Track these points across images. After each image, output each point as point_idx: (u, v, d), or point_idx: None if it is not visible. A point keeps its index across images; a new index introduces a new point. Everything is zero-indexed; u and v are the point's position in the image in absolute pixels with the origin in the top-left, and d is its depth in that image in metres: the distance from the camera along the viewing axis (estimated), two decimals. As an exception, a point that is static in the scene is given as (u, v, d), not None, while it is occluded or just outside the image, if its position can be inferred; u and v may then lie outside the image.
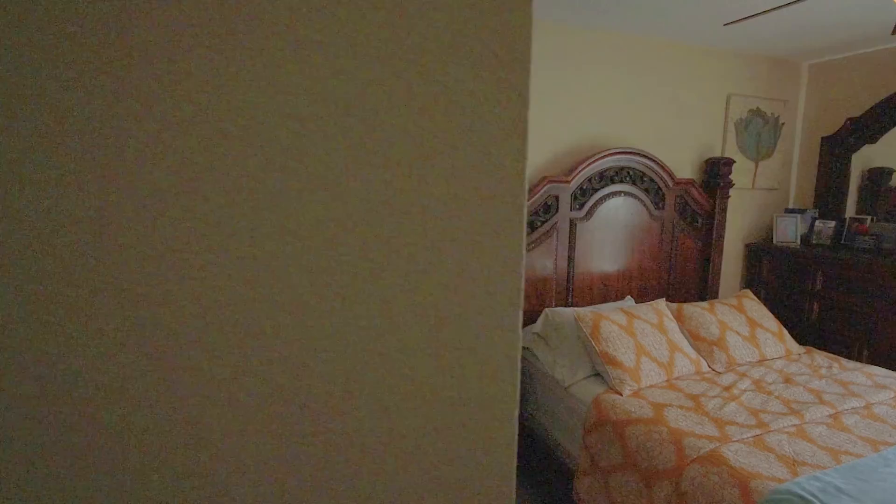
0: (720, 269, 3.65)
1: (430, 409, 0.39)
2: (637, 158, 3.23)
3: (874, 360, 3.02)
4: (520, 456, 2.92)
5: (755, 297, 3.20)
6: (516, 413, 0.41)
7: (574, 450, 2.44)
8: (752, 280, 3.87)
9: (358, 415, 0.38)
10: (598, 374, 2.55)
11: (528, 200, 2.87)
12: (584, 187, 3.10)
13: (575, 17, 2.94)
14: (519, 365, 0.40)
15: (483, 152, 0.39)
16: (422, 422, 0.39)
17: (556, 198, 3.02)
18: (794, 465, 1.81)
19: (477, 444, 0.40)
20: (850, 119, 3.58)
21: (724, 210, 3.57)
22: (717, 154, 3.69)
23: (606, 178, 3.16)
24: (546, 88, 3.05)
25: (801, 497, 1.58)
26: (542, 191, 2.95)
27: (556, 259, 3.07)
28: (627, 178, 3.23)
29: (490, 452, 0.40)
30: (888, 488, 1.64)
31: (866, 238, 3.36)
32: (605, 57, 3.19)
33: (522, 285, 0.39)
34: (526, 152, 0.39)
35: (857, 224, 3.48)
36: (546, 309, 2.87)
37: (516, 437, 0.41)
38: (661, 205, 3.37)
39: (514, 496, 0.42)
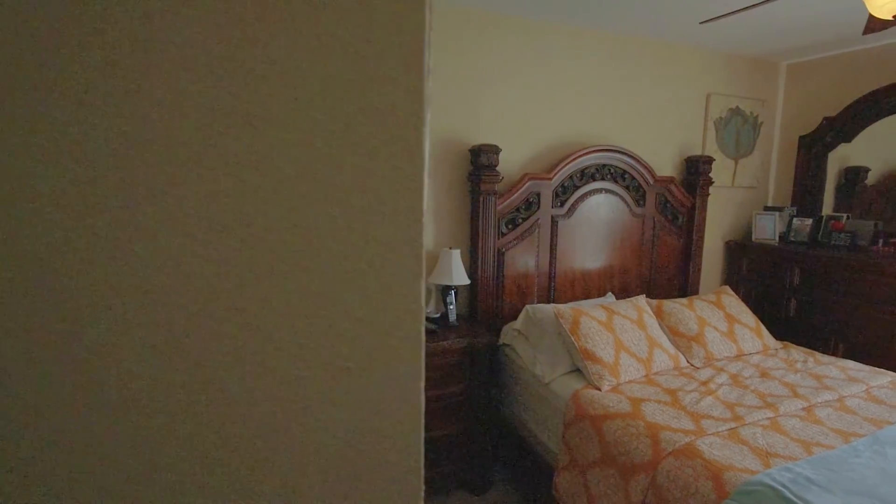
0: (700, 266, 3.69)
1: (336, 385, 0.39)
2: (618, 156, 3.25)
3: (848, 355, 3.07)
4: (500, 452, 2.94)
5: (734, 294, 3.24)
6: (420, 384, 0.41)
7: (554, 445, 2.45)
8: (732, 277, 3.91)
9: (264, 384, 0.38)
10: (577, 370, 2.57)
11: (510, 197, 2.90)
12: (566, 184, 3.12)
13: (555, 14, 2.96)
14: (422, 339, 0.40)
15: (381, 130, 0.39)
16: (328, 396, 0.39)
17: (538, 195, 3.03)
18: (766, 457, 1.84)
19: (384, 418, 0.40)
20: (826, 118, 3.64)
21: (704, 208, 3.62)
22: (697, 152, 3.73)
23: (588, 175, 3.18)
24: (528, 85, 3.06)
25: (772, 488, 1.60)
26: (524, 188, 2.96)
27: (537, 256, 3.09)
28: (609, 176, 3.25)
29: (398, 426, 0.40)
30: (856, 479, 1.67)
31: (842, 235, 3.41)
32: (587, 55, 3.22)
33: (422, 262, 0.39)
34: (421, 128, 0.39)
35: (833, 221, 3.53)
36: (527, 305, 2.89)
37: (422, 410, 0.42)
38: (641, 202, 3.40)
39: (421, 470, 0.42)
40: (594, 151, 3.15)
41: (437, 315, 2.83)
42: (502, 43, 2.95)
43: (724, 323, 2.94)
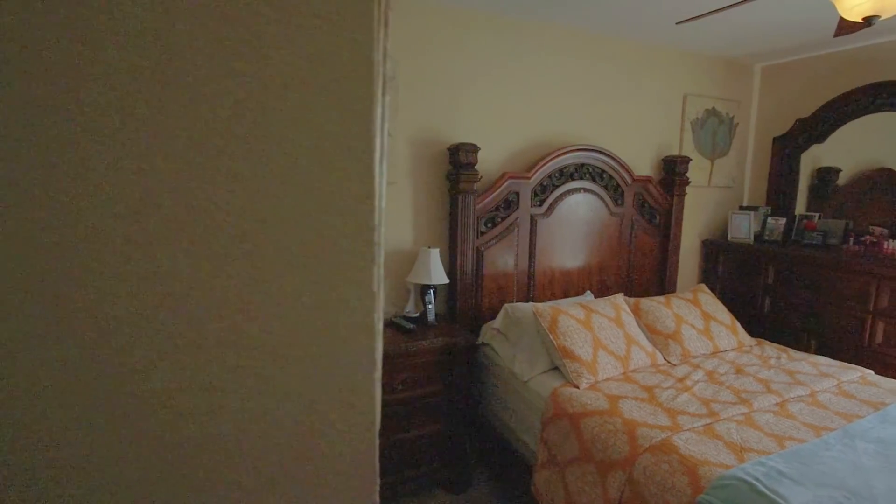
0: (677, 265, 3.73)
1: (282, 375, 0.38)
2: (596, 155, 3.28)
3: (820, 351, 3.13)
4: (480, 451, 2.93)
5: (710, 292, 3.28)
6: (377, 375, 0.40)
7: (533, 443, 2.46)
8: (708, 275, 3.97)
9: (198, 374, 0.37)
10: (556, 369, 2.58)
11: (489, 196, 2.90)
12: (545, 184, 3.13)
13: (534, 12, 2.97)
14: (376, 328, 0.39)
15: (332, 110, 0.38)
16: (272, 387, 0.38)
17: (517, 194, 3.04)
18: (741, 451, 1.86)
19: (335, 410, 0.39)
20: (799, 120, 3.71)
21: (681, 207, 3.66)
22: (675, 152, 3.77)
23: (566, 174, 3.20)
24: (507, 84, 3.07)
25: (746, 482, 1.62)
26: (503, 187, 2.96)
27: (516, 255, 3.09)
28: (587, 175, 3.27)
29: (350, 419, 0.39)
30: (827, 471, 1.70)
31: (814, 234, 3.48)
32: (566, 54, 3.23)
33: (376, 248, 0.38)
34: (373, 104, 0.38)
35: (805, 221, 3.60)
36: (506, 304, 2.89)
37: (377, 402, 0.41)
38: (620, 201, 3.43)
39: (375, 465, 0.41)
40: (573, 151, 3.17)
41: (416, 314, 2.81)
42: (481, 41, 2.95)
43: (701, 320, 2.98)
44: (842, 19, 2.12)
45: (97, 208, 0.34)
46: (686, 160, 3.59)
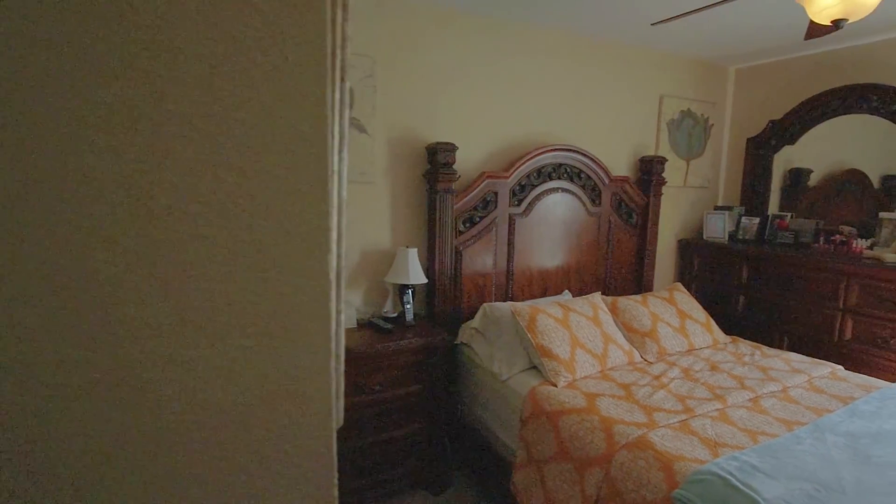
0: (654, 264, 3.77)
1: (233, 365, 0.37)
2: (574, 155, 3.30)
3: (792, 347, 3.19)
4: (459, 451, 2.93)
5: (685, 290, 3.32)
6: (331, 365, 0.39)
7: (511, 442, 2.46)
8: (684, 274, 4.02)
9: (147, 364, 0.35)
10: (534, 367, 2.58)
11: (467, 196, 2.90)
12: (523, 183, 3.14)
13: (512, 11, 2.98)
14: (332, 316, 0.38)
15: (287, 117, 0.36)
16: (223, 376, 0.37)
17: (495, 193, 3.04)
18: (715, 446, 1.88)
19: (289, 400, 0.38)
20: (771, 121, 3.79)
21: (657, 207, 3.70)
22: (651, 153, 3.81)
23: (544, 174, 3.21)
24: (485, 83, 3.07)
25: (720, 476, 1.64)
26: (481, 186, 2.96)
27: (495, 254, 3.09)
28: (565, 175, 3.29)
29: (305, 409, 0.38)
30: (798, 465, 1.73)
31: (786, 234, 3.55)
32: (544, 54, 3.25)
33: (331, 235, 0.37)
34: (324, 97, 0.37)
35: (778, 220, 3.67)
36: (484, 304, 2.89)
37: (333, 393, 0.39)
38: (597, 201, 3.46)
39: (333, 457, 0.40)
40: (551, 150, 3.19)
41: (395, 315, 2.80)
42: (460, 40, 2.95)
43: (677, 319, 3.01)
44: (812, 23, 2.17)
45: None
46: (662, 160, 3.64)
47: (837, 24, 1.92)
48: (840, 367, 2.72)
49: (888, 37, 3.19)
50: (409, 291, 2.75)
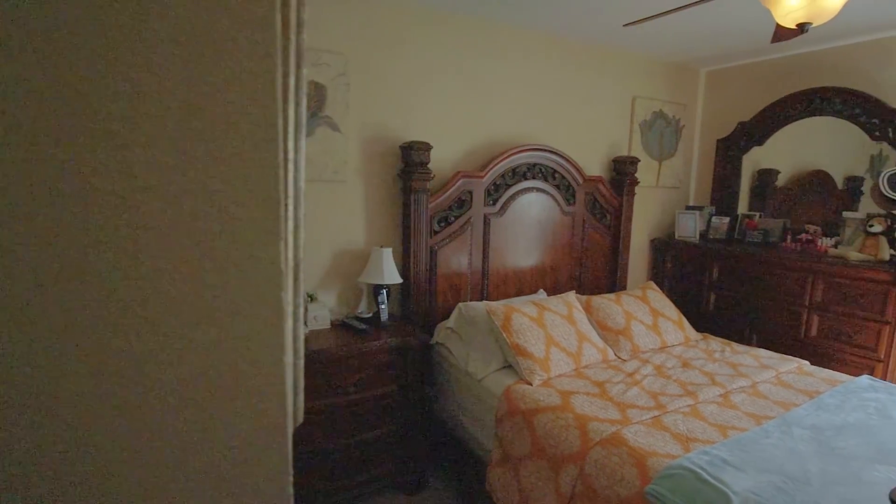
0: (627, 263, 3.82)
1: (179, 357, 0.35)
2: (549, 155, 3.32)
3: (761, 344, 3.26)
4: (435, 451, 2.92)
5: (658, 289, 3.37)
6: (285, 359, 0.37)
7: (487, 441, 2.46)
8: (657, 272, 4.08)
9: (90, 356, 0.34)
10: (510, 366, 2.59)
11: (442, 195, 2.89)
12: (498, 183, 3.15)
13: (487, 10, 2.98)
14: (285, 307, 0.37)
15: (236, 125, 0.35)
16: (166, 368, 0.35)
17: (470, 193, 3.04)
18: (686, 441, 1.91)
19: (244, 394, 0.36)
20: (741, 123, 3.86)
21: (630, 207, 3.75)
22: (624, 153, 3.86)
23: (519, 174, 3.22)
24: (460, 83, 3.07)
25: (691, 470, 1.66)
26: (456, 186, 2.96)
27: (470, 254, 3.09)
28: (540, 175, 3.31)
29: (256, 403, 0.37)
30: (766, 457, 1.77)
31: (755, 233, 3.63)
32: (519, 54, 3.26)
33: (282, 221, 0.36)
34: (274, 101, 0.35)
35: (747, 220, 3.75)
36: (459, 303, 2.89)
37: (288, 386, 0.38)
38: (571, 201, 3.48)
39: (287, 452, 0.39)
40: (525, 150, 3.20)
41: (370, 315, 2.78)
42: (435, 39, 2.95)
43: (649, 317, 3.05)
44: (778, 26, 2.21)
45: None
46: (635, 161, 3.68)
47: (802, 27, 1.96)
48: (806, 362, 2.79)
49: (850, 42, 3.29)
50: (384, 291, 2.74)
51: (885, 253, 2.94)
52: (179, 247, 0.34)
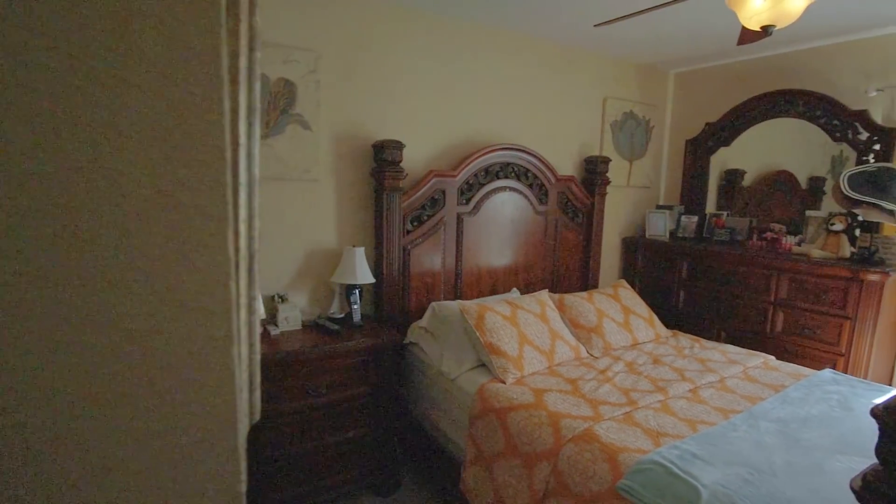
0: (599, 261, 3.86)
1: (122, 350, 0.33)
2: (521, 155, 3.33)
3: (729, 340, 3.33)
4: (409, 452, 2.90)
5: (629, 287, 3.41)
6: (234, 352, 0.36)
7: (461, 441, 2.45)
8: (628, 271, 4.13)
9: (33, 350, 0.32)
10: (483, 365, 2.59)
11: (415, 194, 2.87)
12: (471, 182, 3.15)
13: (459, 10, 2.98)
14: (234, 295, 0.35)
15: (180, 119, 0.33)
16: (109, 361, 0.33)
17: (443, 192, 3.03)
18: (657, 437, 1.93)
19: (188, 388, 0.35)
20: (708, 124, 3.94)
21: (602, 206, 3.79)
22: (596, 153, 3.90)
23: (492, 173, 3.23)
24: (433, 82, 3.06)
25: (662, 465, 1.68)
26: (429, 185, 2.95)
27: (443, 253, 3.09)
28: (512, 174, 3.32)
29: (205, 396, 0.35)
30: (734, 451, 1.80)
31: (723, 231, 3.70)
32: (493, 54, 3.27)
33: (229, 206, 0.34)
34: (219, 80, 0.34)
35: (715, 219, 3.83)
36: (433, 303, 2.88)
37: (237, 379, 0.36)
38: (544, 200, 3.50)
39: (238, 449, 0.37)
40: (498, 150, 3.21)
41: (342, 315, 2.75)
42: (407, 37, 2.93)
43: (621, 314, 3.08)
44: (743, 28, 2.26)
45: None
46: (606, 160, 3.72)
47: (766, 29, 2.01)
48: (772, 357, 2.86)
49: (813, 45, 3.38)
50: (357, 291, 2.71)
51: (846, 250, 3.04)
52: (118, 232, 0.32)
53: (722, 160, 3.97)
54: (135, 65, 0.32)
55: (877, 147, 3.08)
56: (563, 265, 3.68)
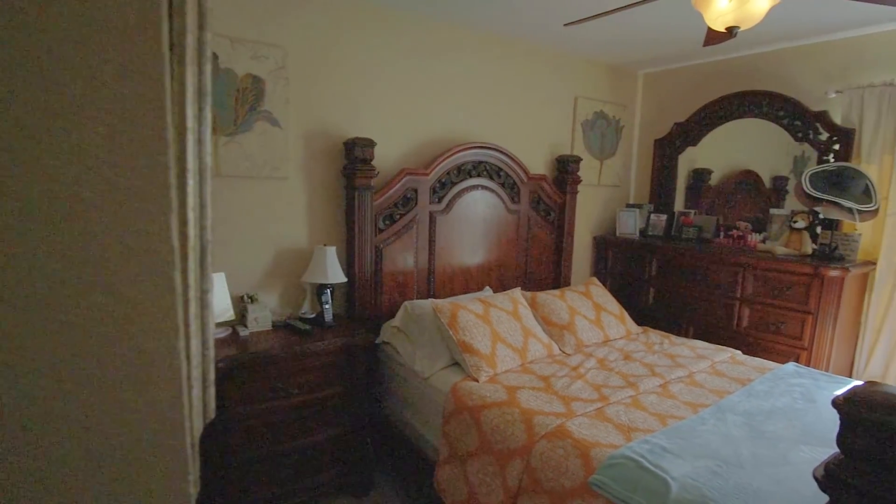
0: (571, 259, 3.89)
1: (55, 342, 0.31)
2: (494, 153, 3.34)
3: (697, 335, 3.40)
4: (383, 452, 2.88)
5: (601, 284, 3.45)
6: (179, 345, 0.34)
7: (435, 440, 2.44)
8: (599, 268, 4.18)
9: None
10: (456, 364, 2.58)
11: (387, 192, 2.85)
12: (443, 180, 3.14)
13: (430, 8, 2.97)
14: (178, 285, 0.33)
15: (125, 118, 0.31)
16: (38, 354, 0.31)
17: (415, 190, 3.02)
18: (628, 431, 1.95)
19: (131, 385, 0.33)
20: (676, 124, 4.01)
21: (573, 205, 3.82)
22: (567, 152, 3.93)
23: (465, 171, 3.23)
24: (405, 80, 3.04)
25: (632, 459, 1.70)
26: (401, 183, 2.93)
27: (416, 252, 3.07)
28: (485, 173, 3.32)
29: (148, 393, 0.33)
30: (702, 443, 1.83)
31: (690, 229, 3.77)
32: (465, 53, 3.26)
33: (172, 190, 0.32)
34: (160, 57, 0.32)
35: (683, 217, 3.89)
36: (405, 302, 2.86)
37: (184, 371, 0.35)
38: (516, 199, 3.52)
39: (186, 447, 0.35)
40: (470, 148, 3.21)
41: (313, 315, 2.71)
42: (379, 35, 2.91)
43: (592, 311, 3.12)
44: (709, 30, 2.30)
45: None
46: (577, 160, 3.76)
47: (731, 31, 2.05)
48: (739, 351, 2.92)
49: (775, 48, 3.47)
50: (328, 291, 2.67)
51: (808, 247, 3.12)
52: (52, 218, 0.30)
53: (690, 160, 4.05)
54: (62, 36, 0.29)
55: (836, 147, 3.17)
56: (535, 263, 3.70)
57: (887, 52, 3.01)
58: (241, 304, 2.59)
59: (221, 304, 2.44)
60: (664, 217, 3.98)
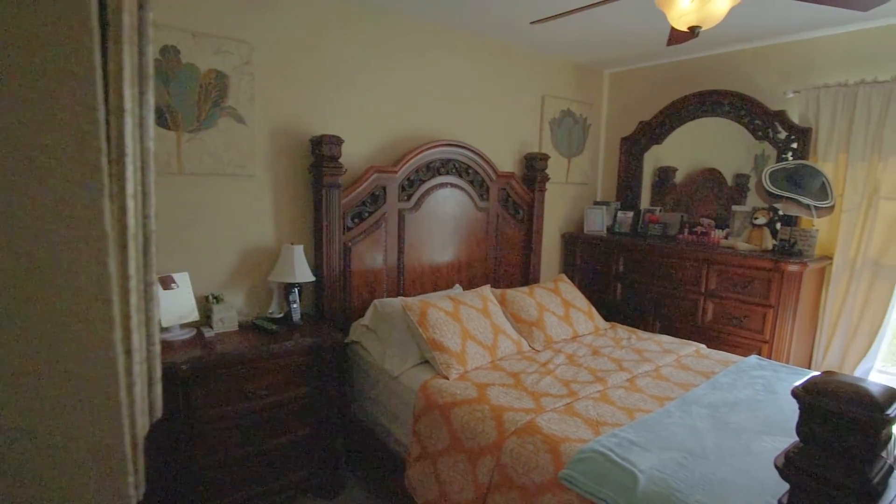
0: (540, 256, 3.92)
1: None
2: (462, 151, 3.33)
3: (664, 330, 3.46)
4: (353, 452, 2.85)
5: (569, 281, 3.48)
6: (115, 336, 0.32)
7: (406, 439, 2.42)
8: (568, 265, 4.22)
9: None
10: (426, 362, 2.57)
11: (355, 190, 2.82)
12: (412, 178, 3.12)
13: (398, 4, 2.95)
14: (112, 274, 0.31)
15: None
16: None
17: (384, 188, 2.99)
18: (597, 426, 1.97)
19: (62, 381, 0.31)
20: (641, 122, 4.08)
21: (542, 202, 3.85)
22: (535, 150, 3.96)
23: (433, 169, 3.21)
24: (373, 77, 3.01)
25: (601, 453, 1.72)
26: (369, 180, 2.90)
27: (385, 250, 3.05)
28: (454, 171, 3.32)
29: (84, 384, 0.31)
30: (669, 436, 1.86)
31: (656, 226, 3.84)
32: (432, 50, 3.25)
33: (104, 174, 0.30)
34: (89, 31, 0.30)
35: (649, 214, 3.96)
36: (375, 300, 2.83)
37: (122, 368, 0.33)
38: (485, 196, 3.52)
39: (125, 445, 0.33)
40: (439, 146, 3.20)
41: (281, 315, 2.66)
42: (346, 32, 2.87)
43: (561, 308, 3.14)
44: (672, 29, 2.34)
45: None
46: (545, 157, 3.79)
47: (694, 30, 2.08)
48: (703, 345, 2.99)
49: (736, 48, 3.56)
50: (296, 290, 2.63)
51: (769, 243, 3.21)
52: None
53: (655, 158, 4.12)
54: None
55: (794, 146, 3.27)
56: (504, 260, 3.71)
57: (841, 54, 3.12)
58: (207, 304, 2.53)
59: (185, 305, 2.38)
60: (630, 214, 4.05)
